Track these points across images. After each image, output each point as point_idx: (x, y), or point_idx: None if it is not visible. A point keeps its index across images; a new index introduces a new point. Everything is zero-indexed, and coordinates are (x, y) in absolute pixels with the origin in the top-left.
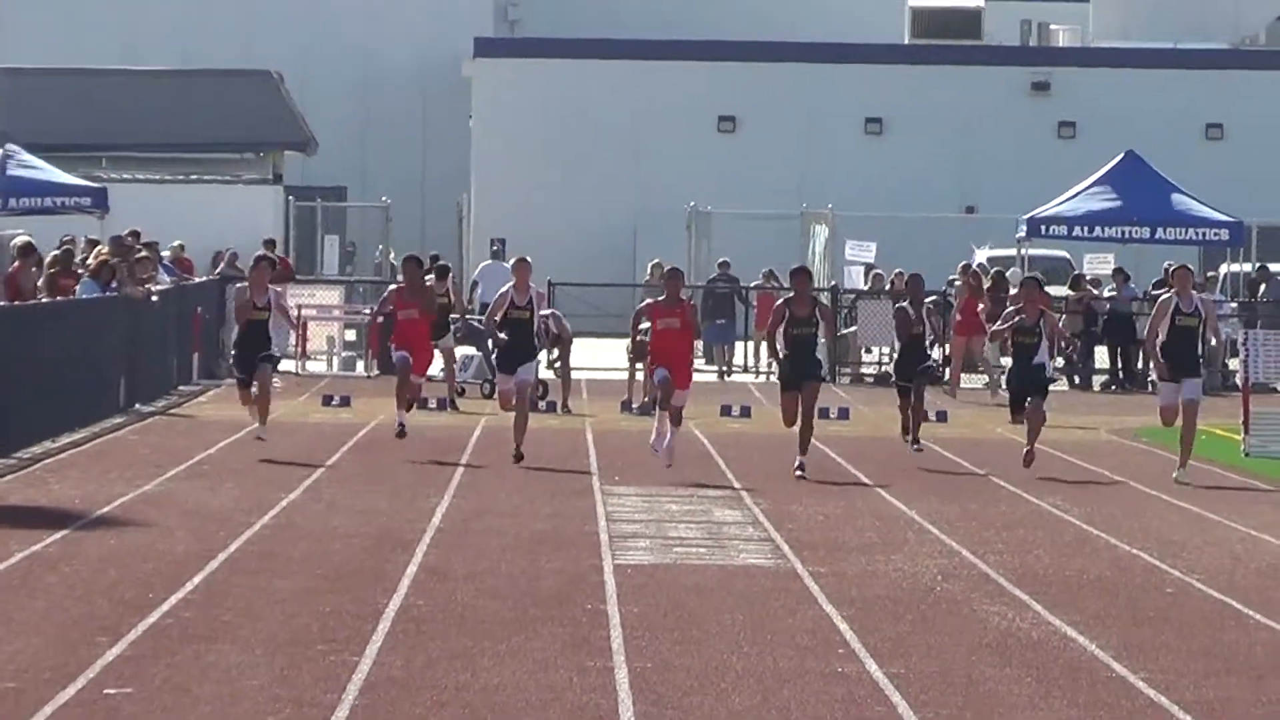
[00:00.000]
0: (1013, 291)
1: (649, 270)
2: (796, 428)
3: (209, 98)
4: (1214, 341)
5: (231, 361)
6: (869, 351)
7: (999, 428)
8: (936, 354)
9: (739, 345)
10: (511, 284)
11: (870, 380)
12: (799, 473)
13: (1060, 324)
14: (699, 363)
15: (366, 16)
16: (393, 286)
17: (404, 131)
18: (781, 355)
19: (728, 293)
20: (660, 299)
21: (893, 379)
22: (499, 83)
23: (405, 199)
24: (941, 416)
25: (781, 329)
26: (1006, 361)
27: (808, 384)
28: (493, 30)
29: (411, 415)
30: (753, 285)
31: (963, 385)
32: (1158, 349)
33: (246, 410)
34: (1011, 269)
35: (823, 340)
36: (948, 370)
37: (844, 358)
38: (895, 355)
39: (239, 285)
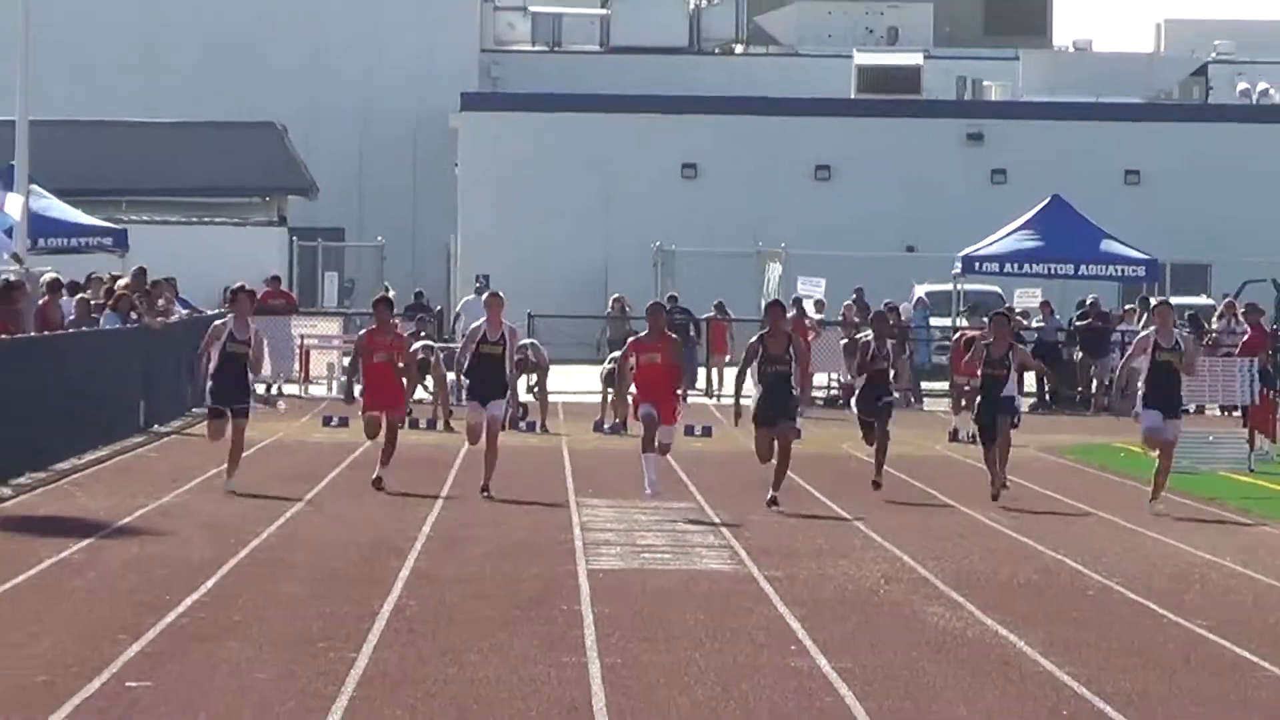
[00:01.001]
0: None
1: (610, 303)
2: (772, 463)
3: (219, 147)
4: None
5: (207, 390)
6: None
7: (938, 445)
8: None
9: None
10: (484, 320)
11: (820, 402)
12: (774, 506)
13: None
14: None
15: (363, 72)
16: (363, 330)
17: (397, 178)
18: (756, 390)
19: (684, 322)
20: (643, 334)
21: (857, 413)
22: (483, 133)
23: (398, 239)
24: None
25: (755, 365)
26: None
27: (783, 425)
28: (477, 86)
29: (404, 434)
30: (704, 317)
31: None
32: (1140, 382)
33: (213, 442)
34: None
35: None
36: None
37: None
38: (857, 389)
39: (217, 322)
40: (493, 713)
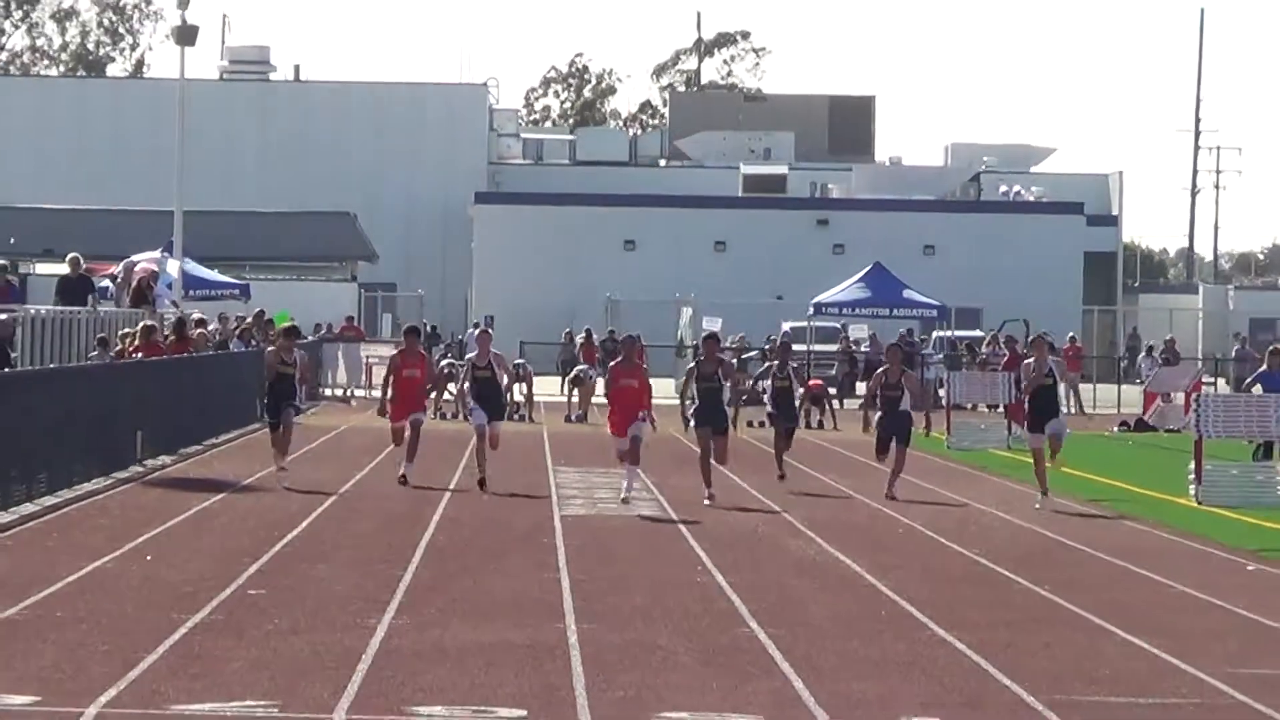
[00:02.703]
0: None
1: (562, 335)
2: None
3: (312, 229)
4: (1061, 389)
5: (265, 406)
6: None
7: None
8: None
9: None
10: (475, 351)
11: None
12: (708, 502)
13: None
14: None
15: (408, 177)
16: (395, 351)
17: (431, 249)
18: (691, 405)
19: (614, 348)
20: (619, 361)
21: (768, 424)
22: (490, 219)
23: (432, 291)
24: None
25: (695, 383)
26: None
27: (718, 434)
28: (486, 187)
29: (434, 423)
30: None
31: None
32: (1026, 402)
33: (272, 450)
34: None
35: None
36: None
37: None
38: (769, 405)
39: (269, 349)
40: (498, 610)
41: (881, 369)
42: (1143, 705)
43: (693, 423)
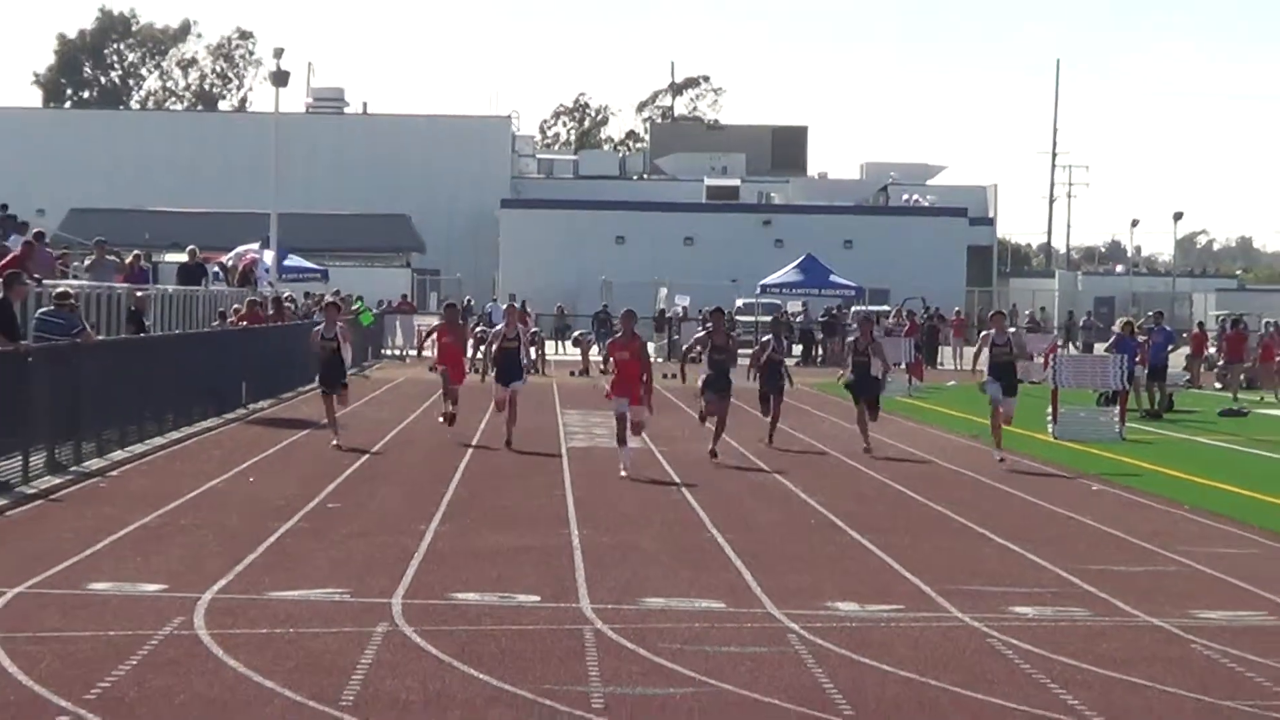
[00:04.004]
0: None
1: (556, 309)
2: (712, 424)
3: (375, 226)
4: (1029, 359)
5: (317, 376)
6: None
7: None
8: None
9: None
10: (504, 323)
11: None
12: (714, 458)
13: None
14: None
15: (450, 187)
16: (438, 322)
17: (468, 241)
18: (703, 371)
19: (606, 318)
20: (618, 335)
21: (704, 393)
22: (513, 220)
23: (468, 275)
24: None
25: (707, 352)
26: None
27: (722, 397)
28: (509, 195)
29: (469, 379)
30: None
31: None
32: (984, 369)
33: (325, 416)
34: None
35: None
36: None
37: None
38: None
39: (316, 328)
40: (518, 520)
41: (853, 337)
42: (1013, 593)
43: (701, 391)
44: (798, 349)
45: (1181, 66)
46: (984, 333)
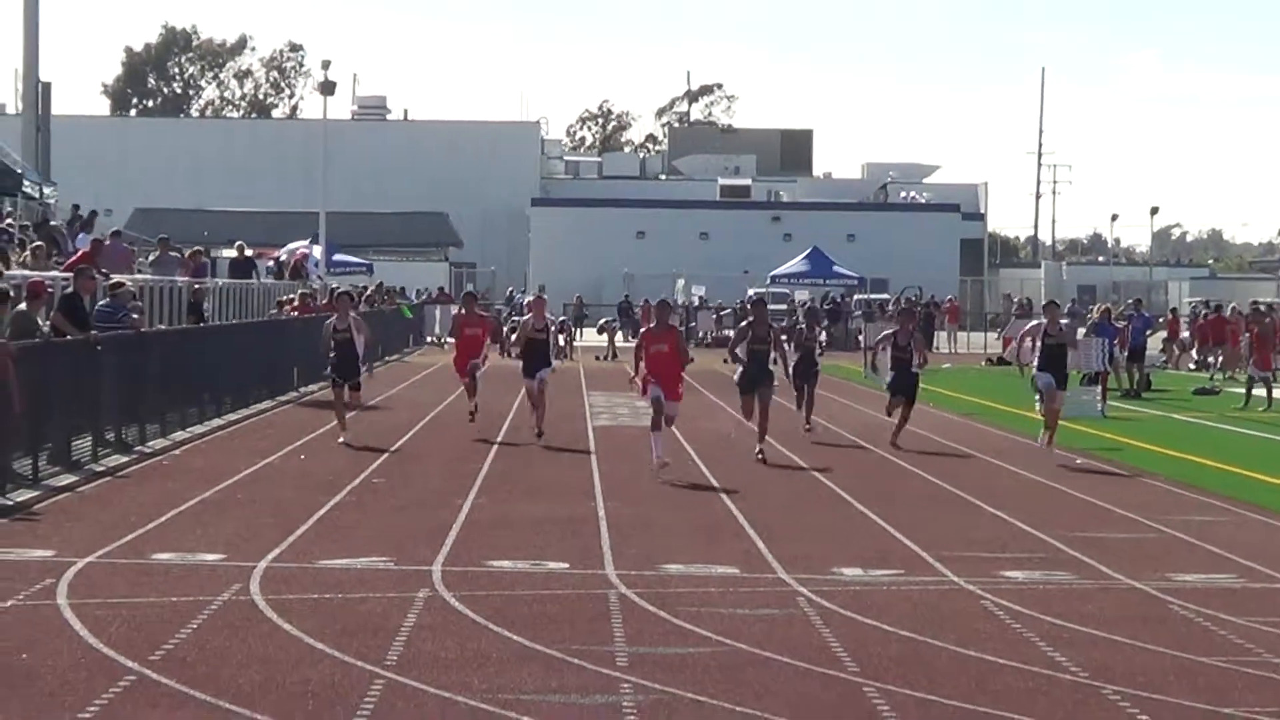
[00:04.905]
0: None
1: (574, 299)
2: (754, 421)
3: (416, 223)
4: (1070, 352)
5: (330, 367)
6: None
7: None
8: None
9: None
10: (531, 314)
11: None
12: (759, 457)
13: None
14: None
15: (484, 187)
16: (458, 311)
17: (501, 238)
18: (741, 363)
19: (628, 306)
20: (653, 326)
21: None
22: (542, 217)
23: (501, 268)
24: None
25: (745, 344)
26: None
27: (763, 389)
28: (539, 194)
29: (499, 362)
30: (639, 304)
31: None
32: (1035, 358)
33: (335, 407)
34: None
35: (774, 355)
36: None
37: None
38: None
39: (328, 320)
40: (547, 492)
41: (890, 331)
42: (1004, 558)
43: (739, 388)
44: (823, 338)
45: (1156, 74)
46: (1034, 322)
